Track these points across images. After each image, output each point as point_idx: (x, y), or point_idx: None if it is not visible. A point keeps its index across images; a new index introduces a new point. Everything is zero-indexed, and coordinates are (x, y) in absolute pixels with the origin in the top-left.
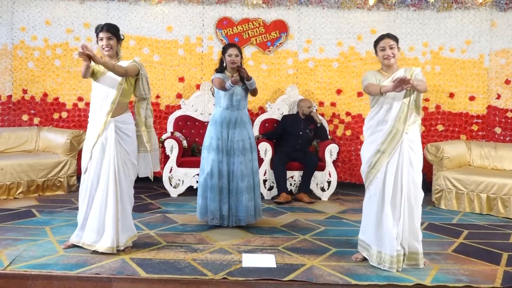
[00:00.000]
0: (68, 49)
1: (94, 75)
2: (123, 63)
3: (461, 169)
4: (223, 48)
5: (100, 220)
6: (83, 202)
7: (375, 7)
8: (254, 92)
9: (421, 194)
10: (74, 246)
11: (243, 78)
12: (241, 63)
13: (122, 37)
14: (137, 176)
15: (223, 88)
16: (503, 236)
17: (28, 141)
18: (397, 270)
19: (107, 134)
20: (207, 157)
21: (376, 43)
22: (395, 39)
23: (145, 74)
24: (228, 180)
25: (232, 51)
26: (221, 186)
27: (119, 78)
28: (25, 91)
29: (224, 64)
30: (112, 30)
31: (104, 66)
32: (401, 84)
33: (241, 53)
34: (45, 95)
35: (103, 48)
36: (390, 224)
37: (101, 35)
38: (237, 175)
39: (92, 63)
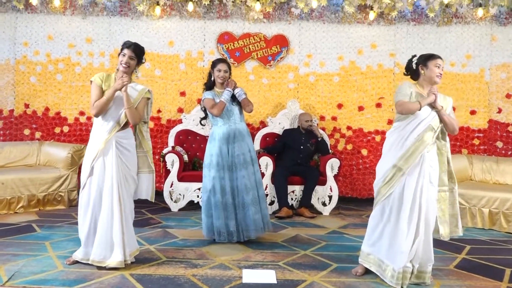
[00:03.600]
0: (70, 63)
1: (102, 93)
2: (137, 88)
3: (462, 183)
4: (212, 62)
5: (108, 236)
6: (84, 219)
7: (376, 22)
8: (246, 105)
9: (435, 212)
10: (77, 262)
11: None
12: (229, 79)
13: (143, 61)
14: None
15: (216, 109)
16: (506, 252)
17: (30, 155)
18: (401, 287)
19: (107, 150)
20: (208, 175)
21: (431, 58)
22: None
23: (152, 100)
24: (232, 196)
25: (222, 66)
26: (226, 202)
27: (131, 100)
28: (27, 106)
29: (212, 79)
30: (137, 52)
31: (125, 99)
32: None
33: (230, 69)
34: (47, 109)
35: (121, 63)
36: (403, 240)
37: (125, 51)
38: (242, 190)
39: (102, 82)
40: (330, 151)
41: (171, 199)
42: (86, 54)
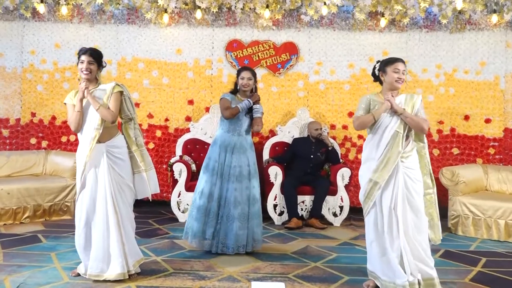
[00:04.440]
0: (77, 72)
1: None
2: (105, 87)
3: (478, 194)
4: (238, 70)
5: (104, 248)
6: (79, 232)
7: (387, 29)
8: (256, 124)
9: (425, 220)
10: (80, 275)
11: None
12: (255, 87)
13: (104, 64)
14: (141, 199)
15: (228, 112)
16: None
17: (36, 164)
18: None
19: (98, 161)
20: (201, 177)
21: (389, 63)
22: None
23: (128, 94)
24: (218, 204)
25: (245, 74)
26: (209, 209)
27: (102, 101)
28: (33, 114)
29: (238, 87)
30: (94, 55)
31: (91, 102)
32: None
33: (255, 77)
34: (54, 118)
35: (82, 71)
36: (391, 254)
37: (82, 58)
38: (230, 202)
39: (72, 99)
40: (340, 160)
41: (179, 209)
42: None
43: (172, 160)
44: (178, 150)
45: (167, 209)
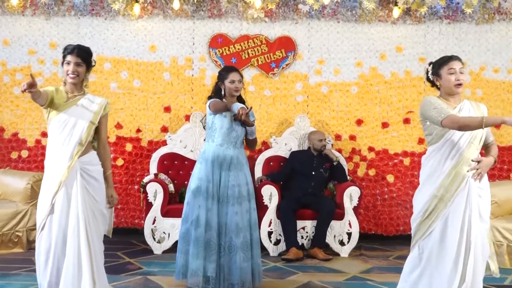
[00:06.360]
0: (28, 74)
1: (52, 105)
2: (94, 99)
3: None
4: (220, 73)
5: (74, 286)
6: (45, 268)
7: (401, 20)
8: (252, 143)
9: (487, 250)
10: None
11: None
12: (240, 97)
13: (93, 63)
14: None
15: (221, 109)
16: None
17: None
18: None
19: (71, 180)
20: (193, 203)
21: (442, 64)
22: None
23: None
24: (217, 233)
25: (235, 76)
26: (208, 239)
27: (92, 114)
28: None
29: (223, 93)
30: (83, 55)
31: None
32: None
33: (242, 78)
34: (2, 130)
35: (68, 74)
36: None
37: (68, 58)
38: (231, 229)
39: (49, 88)
40: (348, 177)
41: (154, 238)
42: (50, 62)
43: (146, 180)
44: (153, 167)
45: (139, 239)
